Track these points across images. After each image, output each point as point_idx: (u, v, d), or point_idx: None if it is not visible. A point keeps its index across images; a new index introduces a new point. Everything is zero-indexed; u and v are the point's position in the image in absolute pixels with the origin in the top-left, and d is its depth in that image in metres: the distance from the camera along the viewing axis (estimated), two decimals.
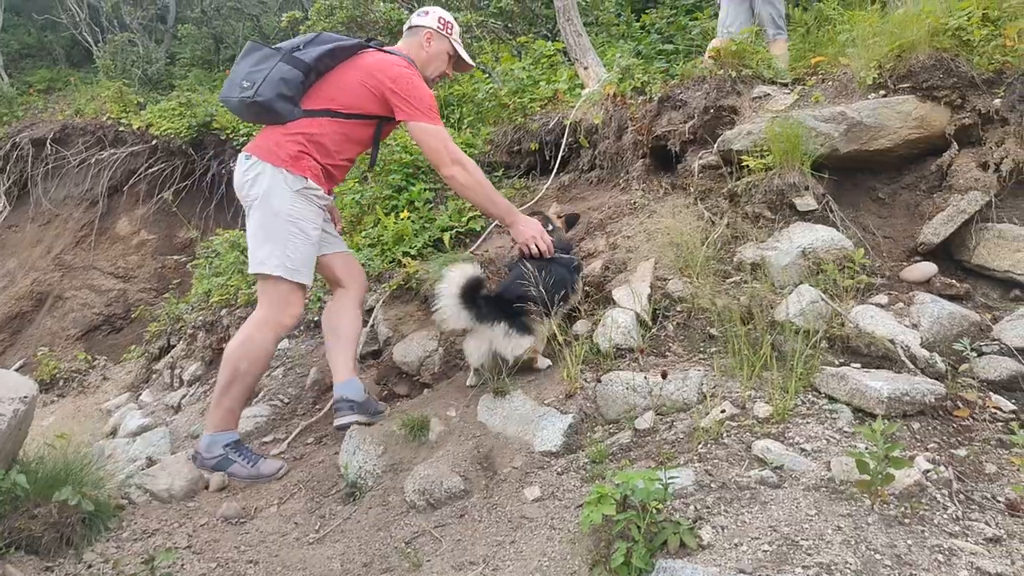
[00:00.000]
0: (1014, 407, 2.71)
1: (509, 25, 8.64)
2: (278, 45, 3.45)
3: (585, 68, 5.95)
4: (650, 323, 3.36)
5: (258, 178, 3.34)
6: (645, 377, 2.94)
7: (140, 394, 5.78)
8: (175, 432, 4.40)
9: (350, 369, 3.52)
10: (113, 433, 5.06)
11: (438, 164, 3.42)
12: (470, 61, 3.83)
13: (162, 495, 3.33)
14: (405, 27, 3.76)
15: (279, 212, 3.33)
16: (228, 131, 9.09)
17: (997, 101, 3.45)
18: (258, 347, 3.36)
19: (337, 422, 3.41)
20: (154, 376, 5.97)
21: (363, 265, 4.23)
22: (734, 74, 4.14)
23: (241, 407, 3.49)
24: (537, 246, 3.41)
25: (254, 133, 8.92)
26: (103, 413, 5.77)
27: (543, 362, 3.43)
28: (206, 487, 3.42)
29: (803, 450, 2.44)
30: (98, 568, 2.70)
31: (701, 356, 3.16)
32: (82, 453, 3.19)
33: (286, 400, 4.28)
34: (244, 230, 3.31)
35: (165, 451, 4.13)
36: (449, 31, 3.69)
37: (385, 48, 3.60)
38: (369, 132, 3.54)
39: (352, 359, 3.57)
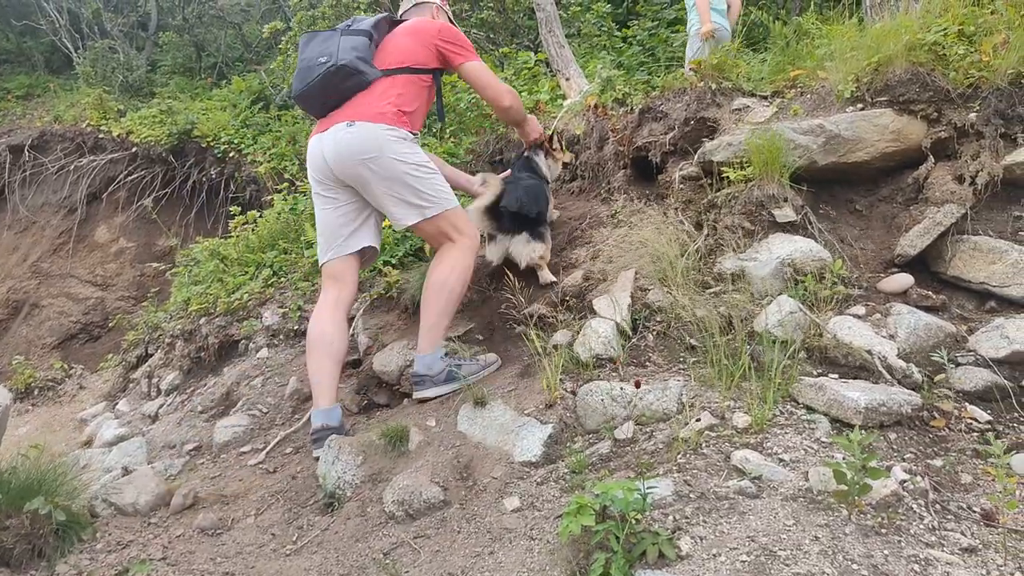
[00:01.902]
0: (989, 418, 2.74)
1: (492, 36, 8.67)
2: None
3: (567, 79, 5.98)
4: (630, 333, 3.37)
5: (360, 135, 3.47)
6: (622, 387, 2.94)
7: (117, 403, 5.71)
8: (152, 442, 4.34)
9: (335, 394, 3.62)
10: (89, 443, 4.99)
11: (497, 99, 3.91)
12: (453, 22, 4.21)
13: (127, 509, 3.27)
14: (408, 6, 4.06)
15: (406, 160, 3.52)
16: (209, 139, 9.05)
17: (972, 115, 3.49)
18: (467, 268, 3.64)
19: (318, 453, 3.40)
20: (131, 385, 5.91)
21: None
22: (714, 86, 4.17)
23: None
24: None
25: (235, 142, 8.88)
26: (79, 422, 5.70)
27: (548, 275, 3.93)
28: (167, 504, 3.34)
29: (781, 460, 2.45)
30: None
31: (681, 366, 3.16)
32: (56, 463, 3.15)
33: (265, 410, 4.24)
34: (226, 238, 3.32)
35: (141, 461, 4.08)
36: (444, 4, 4.13)
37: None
38: (431, 86, 3.80)
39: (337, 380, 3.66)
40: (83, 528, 2.96)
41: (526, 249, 3.91)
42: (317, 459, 3.38)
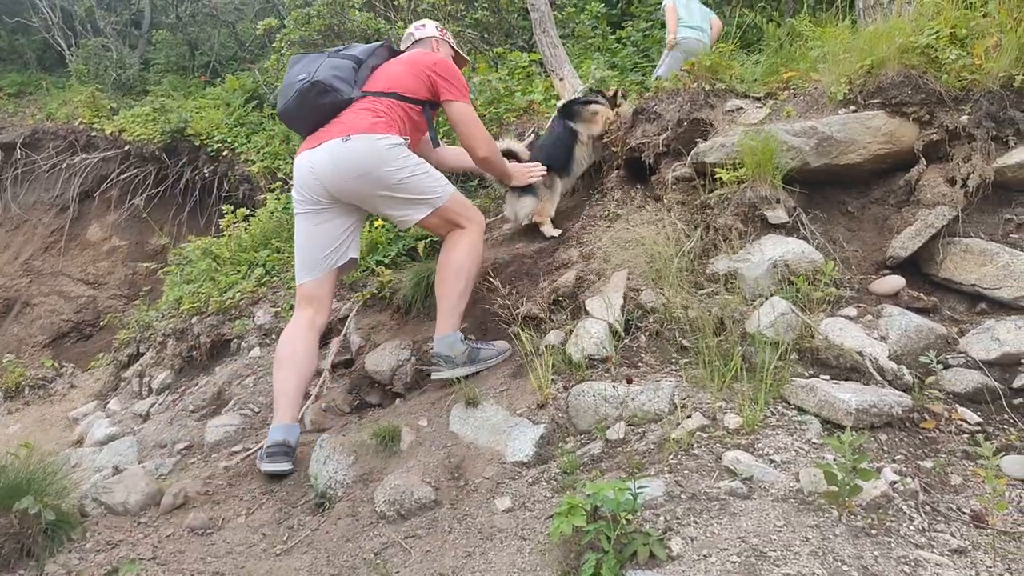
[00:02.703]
0: (979, 419, 2.75)
1: (486, 36, 8.67)
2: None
3: (561, 79, 5.98)
4: (623, 333, 3.37)
5: (358, 151, 3.46)
6: (614, 388, 2.94)
7: (108, 402, 5.70)
8: (143, 441, 4.33)
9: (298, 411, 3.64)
10: (79, 442, 4.98)
11: (473, 148, 3.81)
12: (466, 56, 4.35)
13: (117, 508, 3.26)
14: (408, 43, 4.11)
15: (403, 167, 3.52)
16: (202, 137, 9.03)
17: (964, 118, 3.50)
18: (480, 250, 3.74)
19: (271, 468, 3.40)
20: (122, 384, 5.89)
21: None
22: (707, 87, 4.17)
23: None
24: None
25: (229, 141, 8.86)
26: (70, 421, 5.68)
27: (550, 229, 4.21)
28: (157, 504, 3.33)
29: (772, 461, 2.46)
30: None
31: (673, 367, 3.17)
32: (46, 462, 3.14)
33: (256, 409, 4.24)
34: (219, 236, 3.31)
35: (132, 460, 4.07)
36: (445, 35, 4.16)
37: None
38: (422, 117, 3.79)
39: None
40: (72, 527, 2.95)
41: (519, 205, 4.24)
42: (268, 475, 3.38)
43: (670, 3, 7.02)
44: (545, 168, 4.18)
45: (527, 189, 4.17)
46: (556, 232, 4.22)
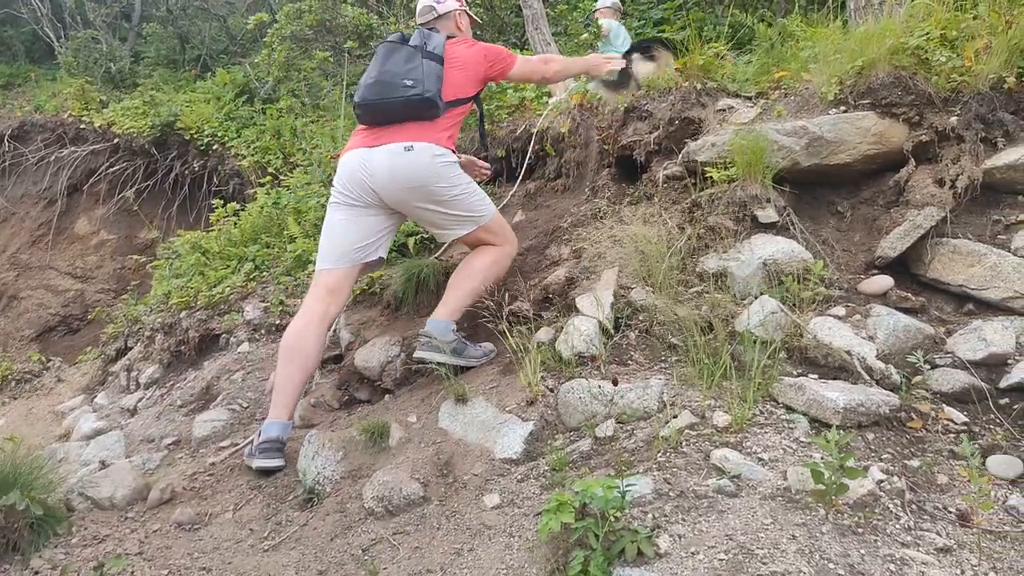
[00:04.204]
0: (966, 419, 2.76)
1: (479, 32, 8.64)
2: (399, 41, 3.73)
3: None
4: (612, 331, 3.37)
5: (416, 163, 3.49)
6: (602, 385, 2.95)
7: (95, 396, 5.66)
8: (130, 436, 4.30)
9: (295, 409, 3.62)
10: (66, 436, 4.94)
11: (545, 79, 4.28)
12: (476, 19, 4.41)
13: (104, 503, 3.24)
14: (429, 16, 3.98)
15: (455, 184, 3.59)
16: (192, 131, 8.97)
17: (953, 119, 3.52)
18: (503, 266, 3.79)
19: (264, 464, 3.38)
20: (110, 378, 5.85)
21: None
22: (699, 86, 4.17)
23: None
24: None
25: (219, 135, 8.82)
26: (57, 415, 5.64)
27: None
28: (144, 499, 3.31)
29: (760, 459, 2.47)
30: (45, 574, 2.65)
31: (662, 365, 3.17)
32: (33, 456, 3.12)
33: (245, 404, 4.22)
34: (208, 231, 3.29)
35: (119, 455, 4.04)
36: (463, 4, 4.11)
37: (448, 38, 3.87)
38: (467, 112, 3.93)
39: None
40: (59, 522, 2.94)
41: (642, 67, 4.71)
42: (258, 471, 3.35)
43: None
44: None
45: (650, 57, 4.72)
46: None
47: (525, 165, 4.89)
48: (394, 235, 3.91)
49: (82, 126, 9.71)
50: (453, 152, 3.65)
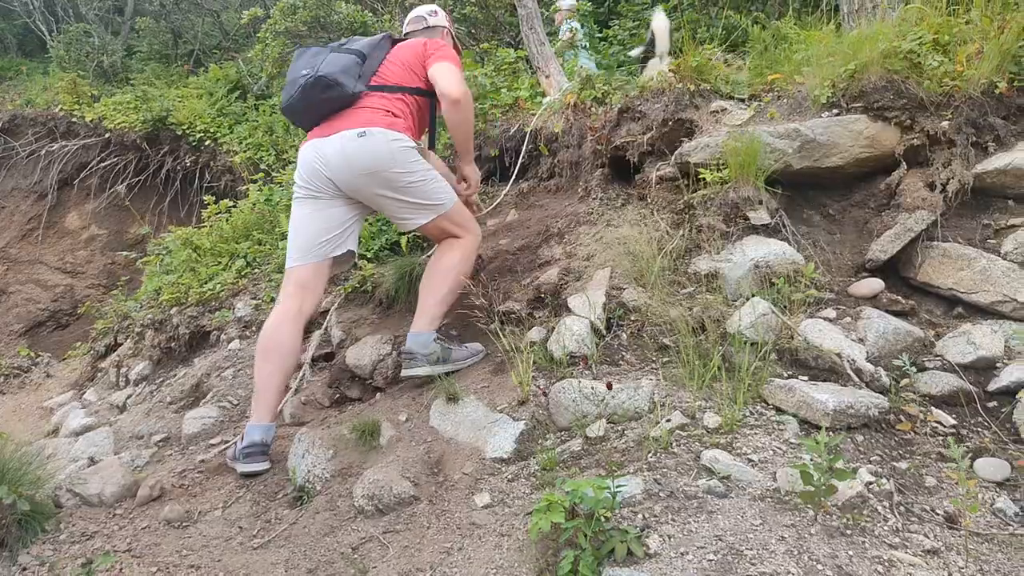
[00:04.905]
0: (954, 422, 2.78)
1: (473, 31, 8.66)
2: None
3: (547, 76, 5.96)
4: (604, 332, 3.38)
5: (371, 147, 3.43)
6: (594, 386, 2.95)
7: (84, 392, 5.64)
8: (119, 432, 4.29)
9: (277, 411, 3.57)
10: (55, 432, 4.93)
11: (449, 91, 3.54)
12: (460, 44, 4.36)
13: (93, 500, 3.22)
14: (419, 26, 4.06)
15: (414, 170, 3.52)
16: (184, 127, 8.93)
17: (945, 123, 3.53)
18: (470, 260, 3.72)
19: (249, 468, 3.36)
20: (99, 374, 5.83)
21: None
22: (693, 88, 4.18)
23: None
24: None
25: (211, 131, 8.77)
26: (45, 411, 5.63)
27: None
28: (133, 495, 3.29)
29: (750, 460, 2.47)
30: (33, 571, 2.64)
31: (653, 365, 3.18)
32: (20, 452, 3.10)
33: (235, 402, 4.21)
34: (200, 227, 3.27)
35: (108, 451, 4.02)
36: (451, 24, 4.20)
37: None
38: (427, 109, 3.81)
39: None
40: (47, 518, 2.92)
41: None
42: (243, 475, 3.34)
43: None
44: None
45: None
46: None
47: (518, 164, 4.88)
48: (361, 227, 3.85)
49: (73, 120, 9.64)
50: (412, 136, 3.58)
